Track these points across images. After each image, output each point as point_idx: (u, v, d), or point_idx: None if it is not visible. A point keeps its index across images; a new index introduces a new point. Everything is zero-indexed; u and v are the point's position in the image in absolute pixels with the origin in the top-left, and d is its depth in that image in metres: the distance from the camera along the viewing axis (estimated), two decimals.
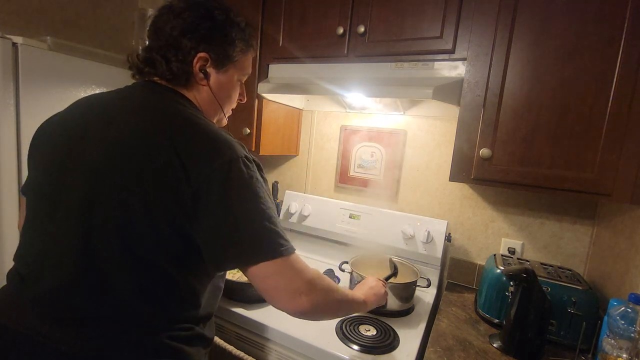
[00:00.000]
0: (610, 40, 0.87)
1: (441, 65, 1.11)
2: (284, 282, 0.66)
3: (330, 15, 1.25)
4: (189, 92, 0.76)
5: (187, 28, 0.72)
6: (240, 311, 1.06)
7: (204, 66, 0.75)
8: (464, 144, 1.07)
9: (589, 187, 0.92)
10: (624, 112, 0.87)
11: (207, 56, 0.74)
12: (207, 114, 0.79)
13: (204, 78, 0.76)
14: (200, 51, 0.73)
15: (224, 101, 0.82)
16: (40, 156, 0.73)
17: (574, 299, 0.97)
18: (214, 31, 0.74)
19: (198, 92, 0.77)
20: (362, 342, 0.95)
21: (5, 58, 1.09)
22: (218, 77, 0.78)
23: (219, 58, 0.76)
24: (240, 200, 0.62)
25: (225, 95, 0.81)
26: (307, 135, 1.75)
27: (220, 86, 0.79)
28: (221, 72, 0.78)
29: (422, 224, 1.38)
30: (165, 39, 0.72)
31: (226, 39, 0.76)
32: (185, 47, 0.72)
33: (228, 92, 0.82)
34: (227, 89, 0.81)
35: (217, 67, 0.77)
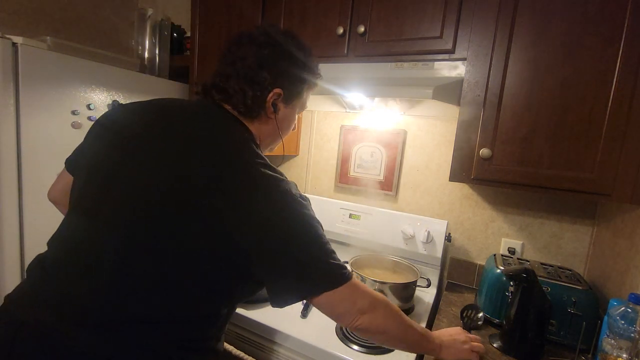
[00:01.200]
0: (610, 40, 0.87)
1: (441, 65, 1.11)
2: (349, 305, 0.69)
3: (330, 15, 1.25)
4: (253, 122, 0.77)
5: (267, 62, 0.74)
6: (240, 311, 1.06)
7: (276, 101, 0.77)
8: (464, 144, 1.07)
9: (589, 187, 0.92)
10: (624, 112, 0.87)
11: (281, 92, 0.77)
12: (265, 141, 0.83)
13: (274, 112, 0.78)
14: (276, 87, 0.75)
15: (285, 131, 0.86)
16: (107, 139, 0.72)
17: (574, 299, 0.97)
18: (291, 69, 0.77)
19: (264, 123, 0.79)
20: (362, 342, 0.95)
21: (5, 58, 1.09)
22: (285, 111, 0.81)
23: (290, 94, 0.79)
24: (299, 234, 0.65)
25: (286, 126, 0.86)
26: (307, 135, 1.75)
27: (285, 118, 0.83)
28: (289, 107, 0.82)
29: (422, 224, 1.38)
30: (244, 71, 0.74)
31: (300, 77, 0.80)
32: (264, 81, 0.74)
33: (289, 124, 0.86)
34: (289, 120, 0.85)
35: (286, 102, 0.80)
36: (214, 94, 0.76)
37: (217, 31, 1.51)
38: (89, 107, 1.30)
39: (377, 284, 1.12)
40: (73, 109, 1.25)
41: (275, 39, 0.76)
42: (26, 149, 1.15)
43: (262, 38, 0.75)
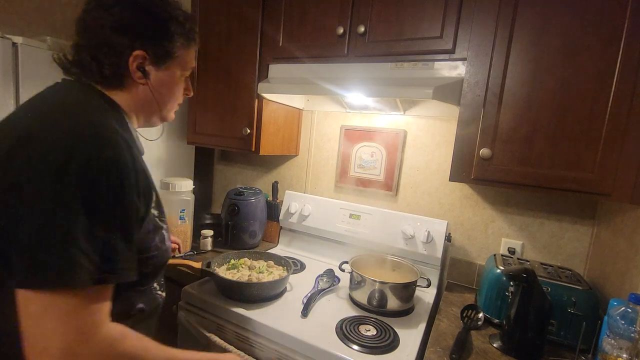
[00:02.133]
0: (610, 40, 0.87)
1: (441, 65, 1.11)
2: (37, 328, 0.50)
3: (330, 15, 1.25)
4: (123, 93, 0.71)
5: (119, 24, 0.66)
6: (240, 311, 1.06)
7: (142, 64, 0.70)
8: (464, 144, 1.07)
9: (589, 187, 0.92)
10: (624, 112, 0.87)
11: (144, 54, 0.69)
12: (143, 112, 0.76)
13: (143, 77, 0.71)
14: (135, 49, 0.68)
15: (166, 99, 0.78)
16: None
17: (574, 299, 0.97)
18: (150, 27, 0.69)
19: (136, 92, 0.72)
20: (362, 342, 0.95)
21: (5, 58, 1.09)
22: (158, 74, 0.73)
23: (157, 55, 0.71)
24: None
25: (167, 93, 0.77)
26: (307, 135, 1.75)
27: (162, 84, 0.75)
28: (162, 70, 0.74)
29: (422, 224, 1.38)
30: (95, 38, 0.66)
31: (165, 35, 0.71)
32: (119, 45, 0.66)
33: (170, 89, 0.78)
34: (169, 86, 0.77)
35: (157, 64, 0.72)
36: (71, 69, 0.69)
37: (217, 31, 1.51)
38: None
39: (377, 284, 1.12)
40: None
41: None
42: None
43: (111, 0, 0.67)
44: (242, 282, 1.13)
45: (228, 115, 1.53)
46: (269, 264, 1.30)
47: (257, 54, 1.42)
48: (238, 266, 1.25)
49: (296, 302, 1.14)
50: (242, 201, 1.55)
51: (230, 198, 1.56)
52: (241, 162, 1.99)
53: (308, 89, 1.30)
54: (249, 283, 1.12)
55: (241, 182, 1.98)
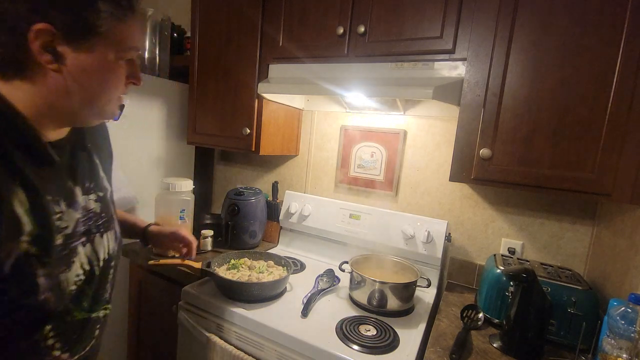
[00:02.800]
0: (610, 40, 0.87)
1: (441, 65, 1.11)
2: None
3: (331, 15, 1.25)
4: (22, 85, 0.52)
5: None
6: (240, 311, 1.06)
7: (50, 43, 0.51)
8: (464, 144, 1.07)
9: (589, 187, 0.92)
10: (624, 112, 0.87)
11: (51, 28, 0.49)
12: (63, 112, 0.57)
13: (54, 61, 0.52)
14: (35, 20, 0.48)
15: (96, 89, 0.58)
16: None
17: (574, 299, 0.97)
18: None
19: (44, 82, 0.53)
20: (362, 342, 0.95)
21: None
22: (78, 57, 0.53)
23: (72, 29, 0.52)
24: None
25: (96, 82, 0.57)
26: (307, 135, 1.75)
27: (85, 70, 0.55)
28: (84, 49, 0.54)
29: (422, 224, 1.38)
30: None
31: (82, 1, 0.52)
32: (10, 17, 0.48)
33: (101, 78, 0.57)
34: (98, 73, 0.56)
35: (73, 42, 0.52)
36: None
37: (217, 31, 1.51)
38: None
39: (377, 284, 1.12)
40: None
41: None
42: None
43: None
44: (242, 282, 1.13)
45: (228, 115, 1.53)
46: (269, 264, 1.30)
47: (257, 54, 1.42)
48: (238, 266, 1.25)
49: (296, 302, 1.14)
50: (242, 201, 1.55)
51: (230, 198, 1.56)
52: (241, 162, 1.99)
53: (308, 89, 1.30)
54: (249, 283, 1.12)
55: (241, 182, 1.98)
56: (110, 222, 0.72)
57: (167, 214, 1.42)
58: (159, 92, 1.62)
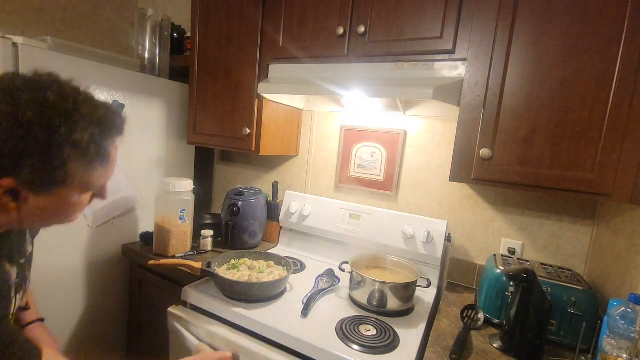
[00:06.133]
0: (610, 40, 0.87)
1: (441, 65, 1.11)
2: None
3: (331, 15, 1.26)
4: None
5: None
6: (240, 311, 1.06)
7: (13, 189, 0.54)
8: (464, 144, 1.07)
9: (589, 187, 0.92)
10: (624, 112, 0.87)
11: (13, 183, 0.52)
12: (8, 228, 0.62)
13: (13, 201, 0.55)
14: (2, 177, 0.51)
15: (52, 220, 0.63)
16: None
17: (574, 299, 0.97)
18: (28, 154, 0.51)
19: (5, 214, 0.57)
20: (362, 342, 0.95)
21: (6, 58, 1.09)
22: (38, 199, 0.56)
23: (35, 184, 0.54)
24: None
25: (53, 216, 0.62)
26: (307, 135, 1.75)
27: (44, 209, 0.58)
28: (43, 196, 0.57)
29: (422, 224, 1.38)
30: None
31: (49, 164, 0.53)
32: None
33: (60, 212, 0.62)
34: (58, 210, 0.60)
35: (36, 191, 0.56)
36: None
37: (217, 31, 1.51)
38: None
39: (377, 284, 1.12)
40: None
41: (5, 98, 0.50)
42: None
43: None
44: (242, 282, 1.13)
45: (228, 115, 1.53)
46: (269, 264, 1.30)
47: (257, 54, 1.42)
48: (238, 266, 1.25)
49: (296, 302, 1.14)
50: (242, 201, 1.55)
51: (230, 198, 1.56)
52: (241, 162, 1.99)
53: (308, 89, 1.30)
54: (249, 283, 1.12)
55: (241, 182, 1.98)
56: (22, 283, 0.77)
57: (167, 214, 1.42)
58: (159, 92, 1.62)
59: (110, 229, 1.49)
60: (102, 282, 1.52)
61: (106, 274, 1.53)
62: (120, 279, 1.57)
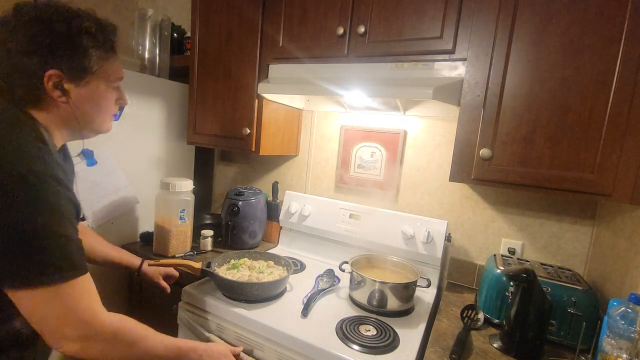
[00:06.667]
0: (610, 40, 0.87)
1: (441, 65, 1.11)
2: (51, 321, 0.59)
3: (331, 15, 1.25)
4: (41, 111, 0.70)
5: (27, 46, 0.65)
6: (240, 311, 1.06)
7: (59, 83, 0.69)
8: (463, 144, 1.07)
9: (588, 187, 0.92)
10: (624, 112, 0.87)
11: (59, 72, 0.68)
12: (71, 128, 0.76)
13: (63, 95, 0.70)
14: (47, 69, 0.67)
15: (93, 114, 0.77)
16: None
17: (574, 299, 0.97)
18: (60, 44, 0.67)
19: (57, 110, 0.71)
20: (362, 342, 0.95)
21: None
22: (79, 91, 0.72)
23: (73, 72, 0.70)
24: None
25: (92, 108, 0.76)
26: (307, 135, 1.75)
27: (85, 100, 0.74)
28: (83, 85, 0.73)
29: (422, 224, 1.38)
30: (5, 62, 0.66)
31: (77, 51, 0.70)
32: (29, 67, 0.66)
33: (96, 104, 0.77)
34: (94, 101, 0.76)
35: (75, 81, 0.71)
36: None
37: (217, 31, 1.51)
38: None
39: (377, 284, 1.12)
40: None
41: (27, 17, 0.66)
42: None
43: (14, 22, 0.66)
44: (242, 282, 1.13)
45: (228, 115, 1.53)
46: (269, 264, 1.30)
47: (257, 54, 1.42)
48: (238, 266, 1.25)
49: (296, 302, 1.14)
50: (242, 201, 1.55)
51: (230, 198, 1.56)
52: (241, 162, 1.99)
53: (308, 89, 1.30)
54: (249, 283, 1.12)
55: (241, 182, 1.98)
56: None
57: (167, 214, 1.42)
58: (159, 92, 1.62)
59: (110, 229, 1.49)
60: (102, 282, 1.51)
61: (106, 273, 1.52)
62: (120, 279, 1.57)
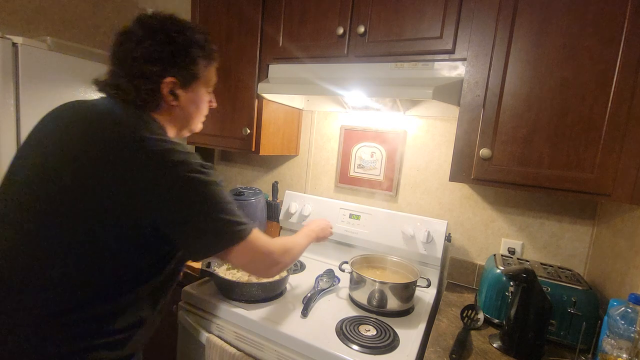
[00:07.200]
0: (610, 40, 0.87)
1: (441, 65, 1.11)
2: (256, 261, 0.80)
3: (330, 15, 1.25)
4: (156, 112, 0.79)
5: (151, 55, 0.75)
6: (240, 311, 1.06)
7: (173, 89, 0.79)
8: (463, 144, 1.07)
9: (588, 187, 0.92)
10: (624, 112, 0.87)
11: (175, 79, 0.78)
12: (177, 126, 0.86)
13: (175, 99, 0.80)
14: (166, 76, 0.77)
15: (195, 115, 0.88)
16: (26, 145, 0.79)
17: (574, 299, 0.97)
18: (176, 55, 0.77)
19: (168, 112, 0.81)
20: (362, 342, 0.95)
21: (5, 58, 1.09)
22: (187, 95, 0.82)
23: (185, 79, 0.80)
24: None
25: (194, 109, 0.86)
26: (307, 135, 1.75)
27: (190, 103, 0.84)
28: (189, 91, 0.82)
29: (422, 224, 1.38)
30: (131, 68, 0.75)
31: (189, 60, 0.79)
32: (151, 74, 0.75)
33: (197, 106, 0.87)
34: (196, 103, 0.86)
35: (185, 87, 0.81)
36: (108, 90, 0.78)
37: (216, 31, 1.51)
38: None
39: (377, 284, 1.12)
40: None
41: (151, 29, 0.76)
42: None
43: (140, 32, 0.76)
44: (242, 282, 1.13)
45: (228, 115, 1.53)
46: None
47: (257, 54, 1.42)
48: None
49: (296, 302, 1.14)
50: (242, 201, 1.55)
51: None
52: (241, 162, 1.99)
53: (308, 89, 1.30)
54: (249, 283, 1.12)
55: (241, 182, 1.98)
56: None
57: None
58: None
59: None
60: None
61: None
62: None
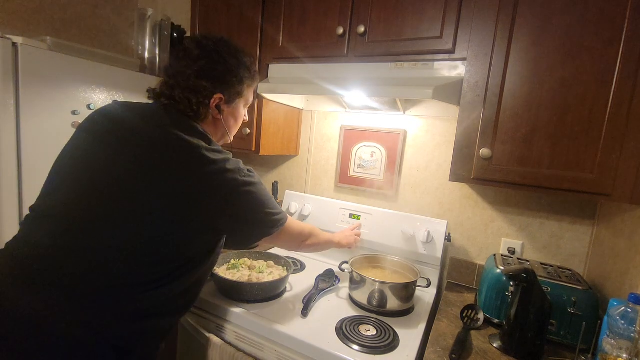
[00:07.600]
0: (610, 40, 0.87)
1: (441, 65, 1.11)
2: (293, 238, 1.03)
3: (330, 15, 1.25)
4: (202, 123, 0.88)
5: (205, 73, 0.85)
6: (240, 311, 1.06)
7: (219, 104, 0.89)
8: (463, 144, 1.07)
9: (588, 187, 0.92)
10: (624, 112, 0.87)
11: (222, 96, 0.88)
12: (216, 136, 0.94)
13: (219, 113, 0.90)
14: (216, 92, 0.87)
15: (232, 128, 0.98)
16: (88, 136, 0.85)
17: (574, 299, 0.97)
18: (227, 74, 0.88)
19: (212, 123, 0.91)
20: (362, 342, 0.95)
21: (5, 58, 1.09)
22: (229, 110, 0.93)
23: (231, 96, 0.91)
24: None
25: (233, 123, 0.97)
26: (307, 135, 1.75)
27: (230, 117, 0.95)
28: (231, 106, 0.93)
29: (422, 224, 1.38)
30: (185, 82, 0.84)
31: (237, 80, 0.90)
32: (204, 89, 0.85)
33: (236, 120, 0.98)
34: (235, 118, 0.97)
35: (229, 103, 0.91)
36: (162, 100, 0.86)
37: (217, 31, 1.51)
38: (89, 107, 1.30)
39: (377, 284, 1.12)
40: (73, 109, 1.25)
41: (208, 49, 0.86)
42: (26, 149, 1.15)
43: (197, 52, 0.85)
44: (242, 282, 1.13)
45: None
46: (269, 264, 1.30)
47: (257, 54, 1.42)
48: (238, 266, 1.25)
49: (296, 302, 1.14)
50: None
51: None
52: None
53: (308, 89, 1.30)
54: (249, 283, 1.12)
55: None
56: None
57: None
58: None
59: None
60: None
61: None
62: None
